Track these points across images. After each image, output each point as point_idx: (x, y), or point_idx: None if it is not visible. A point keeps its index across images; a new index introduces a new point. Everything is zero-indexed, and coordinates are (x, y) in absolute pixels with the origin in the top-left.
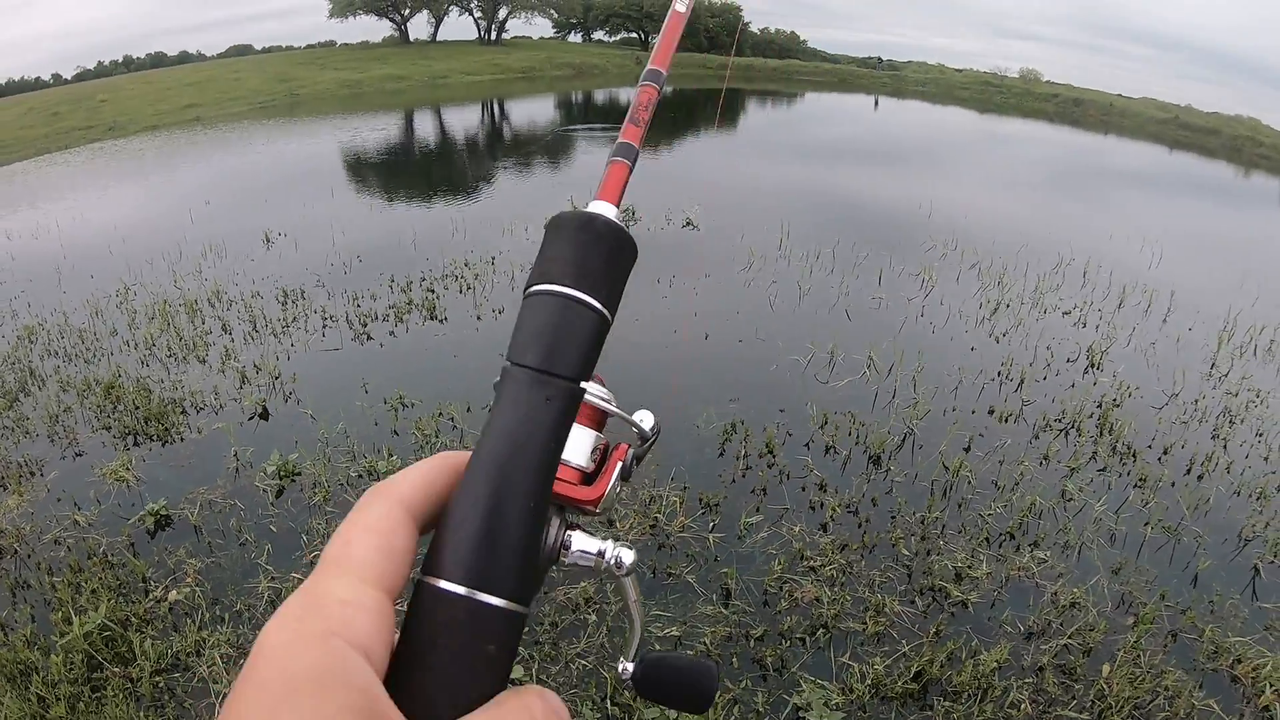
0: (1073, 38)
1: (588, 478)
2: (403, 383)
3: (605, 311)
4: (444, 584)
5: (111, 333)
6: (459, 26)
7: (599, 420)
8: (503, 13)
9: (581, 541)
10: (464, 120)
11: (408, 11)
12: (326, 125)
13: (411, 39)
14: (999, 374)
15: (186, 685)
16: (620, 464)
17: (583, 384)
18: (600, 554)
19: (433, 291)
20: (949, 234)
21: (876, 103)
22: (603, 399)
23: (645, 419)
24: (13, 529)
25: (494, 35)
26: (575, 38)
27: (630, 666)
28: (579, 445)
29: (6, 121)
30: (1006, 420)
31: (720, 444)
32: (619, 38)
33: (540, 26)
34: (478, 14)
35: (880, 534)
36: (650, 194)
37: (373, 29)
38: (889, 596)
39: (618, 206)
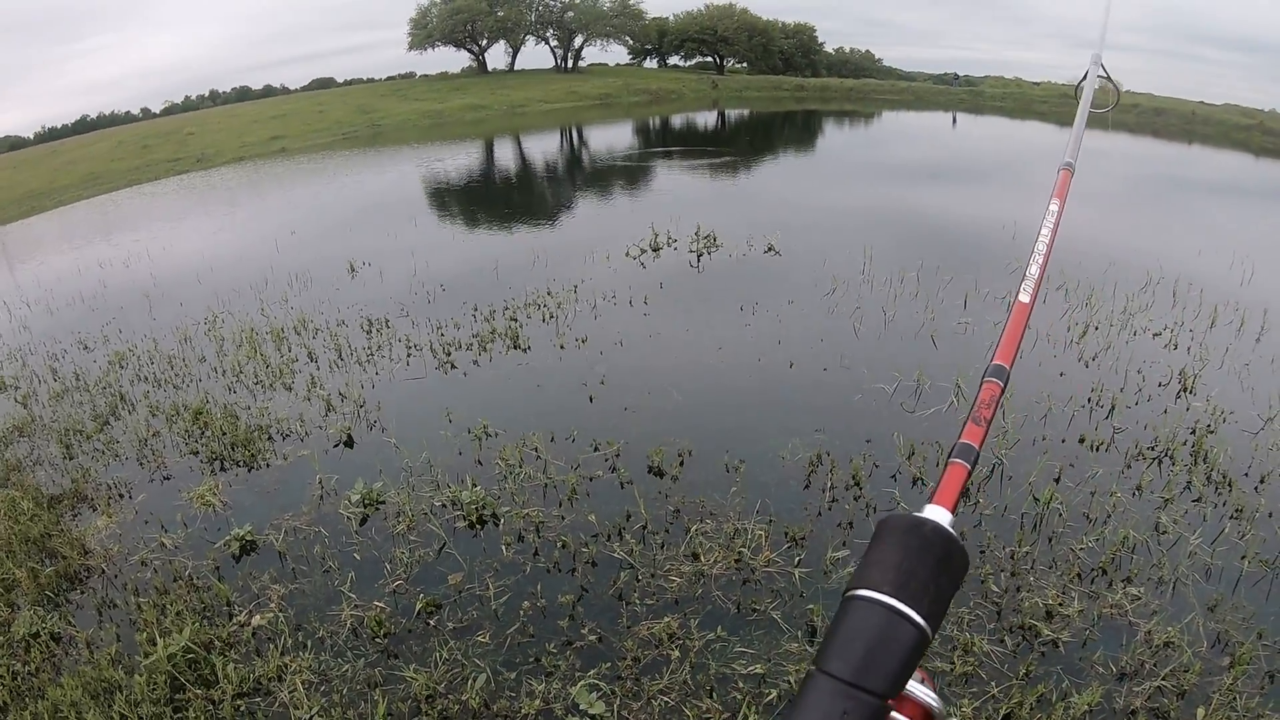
0: (1152, 45)
1: None
2: (486, 412)
3: (926, 627)
4: None
5: (200, 359)
6: (535, 55)
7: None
8: (578, 41)
9: None
10: (543, 147)
11: (485, 42)
12: (408, 154)
13: (489, 69)
14: (1089, 400)
15: (268, 710)
16: None
17: (889, 701)
18: None
19: (515, 320)
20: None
21: (955, 120)
22: (929, 697)
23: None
24: (101, 549)
25: (570, 63)
26: (651, 63)
27: None
28: None
29: (99, 154)
30: (1097, 449)
31: (806, 475)
32: (694, 62)
33: (616, 53)
34: (554, 43)
35: (969, 569)
36: (732, 219)
37: (451, 60)
38: (978, 635)
39: (953, 512)
